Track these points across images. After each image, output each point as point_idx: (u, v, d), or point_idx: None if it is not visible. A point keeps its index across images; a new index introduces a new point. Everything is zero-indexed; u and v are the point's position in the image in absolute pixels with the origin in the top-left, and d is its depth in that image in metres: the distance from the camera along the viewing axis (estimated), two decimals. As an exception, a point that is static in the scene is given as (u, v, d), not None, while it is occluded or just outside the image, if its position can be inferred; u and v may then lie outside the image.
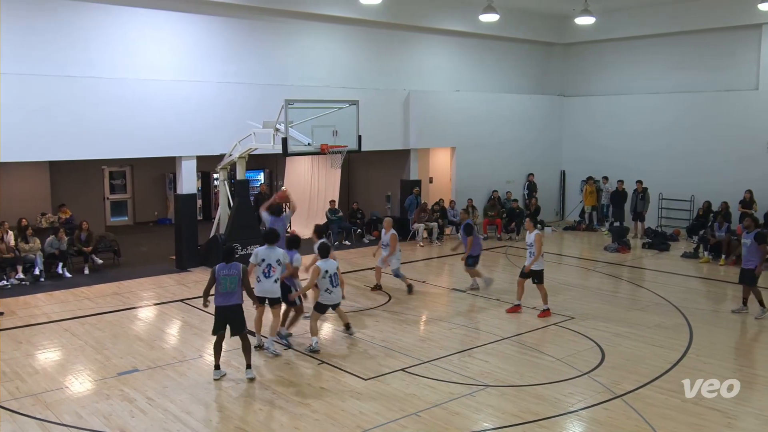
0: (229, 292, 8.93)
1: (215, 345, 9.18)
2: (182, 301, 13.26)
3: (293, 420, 7.85)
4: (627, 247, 18.72)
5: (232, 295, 8.96)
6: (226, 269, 8.96)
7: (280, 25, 17.51)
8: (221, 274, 8.93)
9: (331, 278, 10.28)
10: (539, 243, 11.87)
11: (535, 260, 11.94)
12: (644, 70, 22.29)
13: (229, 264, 9.02)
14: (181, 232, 16.35)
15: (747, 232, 12.19)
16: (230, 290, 8.93)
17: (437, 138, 20.98)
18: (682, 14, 20.54)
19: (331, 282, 10.28)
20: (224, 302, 8.98)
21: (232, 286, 8.92)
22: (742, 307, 12.34)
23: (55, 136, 14.04)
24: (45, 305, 12.93)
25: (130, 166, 22.81)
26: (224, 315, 9.02)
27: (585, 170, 23.23)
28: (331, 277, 10.29)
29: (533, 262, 11.96)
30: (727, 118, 20.09)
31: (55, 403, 8.36)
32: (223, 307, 9.00)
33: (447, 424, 7.72)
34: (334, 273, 10.34)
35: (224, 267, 8.98)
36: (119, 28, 15.10)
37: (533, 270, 12.04)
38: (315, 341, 10.21)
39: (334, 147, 14.26)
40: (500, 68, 22.93)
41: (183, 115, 15.66)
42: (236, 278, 8.93)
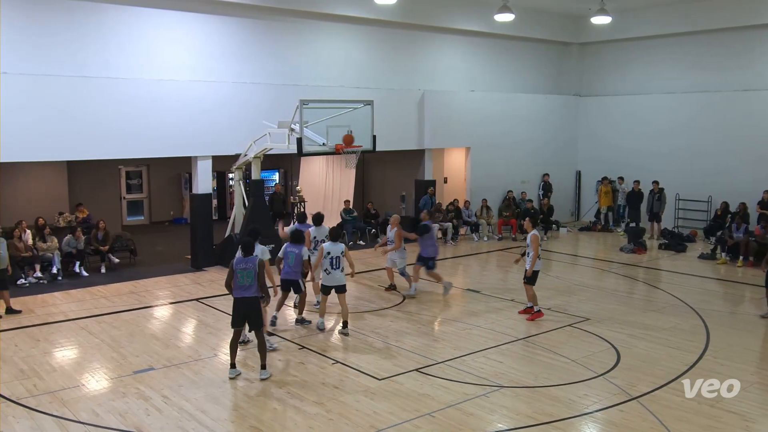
0: (246, 286, 9.02)
1: (231, 342, 9.27)
2: (197, 300, 13.34)
3: (307, 419, 7.87)
4: (643, 248, 18.58)
5: (248, 289, 9.04)
6: (243, 263, 9.05)
7: (295, 25, 17.56)
8: (238, 268, 9.04)
9: (332, 260, 10.84)
10: (536, 244, 11.68)
11: (534, 262, 11.68)
12: (660, 70, 22.11)
13: (246, 258, 9.09)
14: (197, 231, 16.43)
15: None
16: (247, 284, 9.01)
17: (452, 138, 20.95)
18: (698, 14, 20.35)
19: (331, 264, 10.86)
20: (240, 295, 9.06)
21: (249, 279, 9.01)
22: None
23: (72, 136, 14.17)
24: (62, 304, 13.05)
25: (147, 166, 22.98)
26: (241, 308, 9.10)
27: (600, 170, 23.08)
28: (332, 259, 10.84)
29: (532, 264, 11.71)
30: (745, 117, 19.89)
31: (72, 400, 8.43)
32: (240, 300, 9.09)
33: (461, 425, 7.71)
34: (336, 256, 10.87)
35: (241, 261, 9.07)
36: (136, 28, 15.21)
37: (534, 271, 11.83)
38: (320, 321, 11.23)
39: (348, 147, 14.26)
40: (515, 68, 22.84)
41: (198, 115, 15.75)
42: (252, 272, 9.01)
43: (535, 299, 11.94)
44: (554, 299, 13.15)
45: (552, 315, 12.17)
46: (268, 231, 16.31)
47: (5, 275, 12.34)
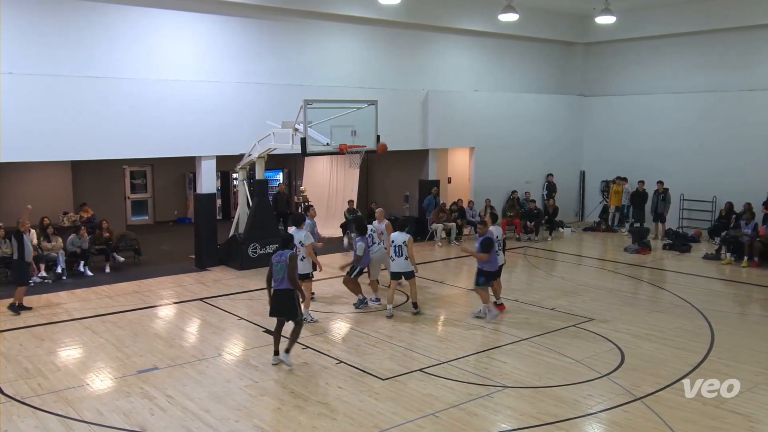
0: (279, 279, 9.48)
1: (275, 330, 9.76)
2: (201, 299, 13.35)
3: (311, 419, 7.87)
4: (647, 248, 18.54)
5: (281, 281, 9.46)
6: (278, 257, 9.55)
7: (299, 25, 17.57)
8: (274, 261, 9.56)
9: (396, 248, 12.00)
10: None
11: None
12: (665, 70, 22.05)
13: (281, 251, 9.57)
14: (201, 231, 16.46)
15: None
16: (280, 277, 9.47)
17: (456, 138, 20.93)
18: (703, 13, 20.28)
19: (395, 251, 12.01)
20: (275, 287, 9.58)
21: (281, 272, 9.44)
22: None
23: (77, 136, 14.20)
24: (67, 303, 13.08)
25: (151, 166, 23.02)
26: (275, 299, 9.57)
27: (605, 171, 23.06)
28: (396, 247, 12.00)
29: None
30: (750, 118, 19.81)
31: (77, 400, 8.45)
32: (275, 291, 9.58)
33: (465, 425, 7.70)
34: (399, 244, 11.97)
35: (278, 255, 9.58)
36: (140, 29, 15.23)
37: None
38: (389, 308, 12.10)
39: (352, 147, 14.27)
40: (520, 68, 22.81)
41: (203, 115, 15.76)
42: (283, 265, 9.42)
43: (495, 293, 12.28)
44: (559, 299, 13.12)
45: (556, 315, 12.16)
46: (271, 231, 16.41)
47: (28, 270, 12.68)
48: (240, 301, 13.30)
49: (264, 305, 12.53)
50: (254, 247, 16.06)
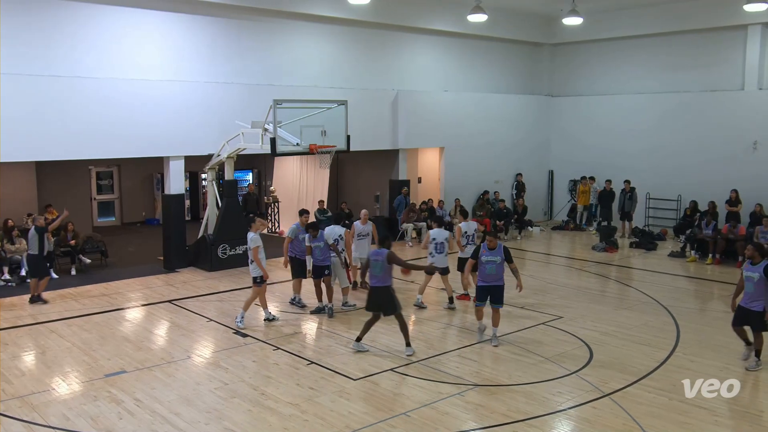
0: (379, 276, 9.86)
1: (368, 322, 10.14)
2: (170, 301, 13.20)
3: (282, 421, 7.83)
4: (615, 246, 18.81)
5: (380, 278, 9.85)
6: (375, 254, 9.96)
7: (269, 24, 17.47)
8: (372, 259, 9.95)
9: (437, 245, 12.40)
10: (458, 234, 12.86)
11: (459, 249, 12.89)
12: (631, 71, 22.41)
13: (377, 250, 10.03)
14: (169, 232, 16.28)
15: (751, 264, 9.41)
16: (378, 274, 9.86)
17: (426, 138, 21.00)
18: (668, 15, 20.67)
19: (437, 249, 12.44)
20: (375, 284, 9.94)
21: (377, 270, 9.84)
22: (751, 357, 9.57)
23: (41, 137, 13.93)
24: (31, 307, 12.82)
25: (118, 167, 22.69)
26: (373, 296, 9.99)
27: (573, 170, 23.35)
28: (437, 245, 12.41)
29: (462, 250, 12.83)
30: (714, 118, 20.23)
31: (42, 405, 8.30)
32: (372, 288, 10.04)
33: (436, 424, 7.73)
34: (440, 242, 12.42)
35: (374, 253, 10.01)
36: (106, 27, 15.00)
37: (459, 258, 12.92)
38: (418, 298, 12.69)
39: (322, 147, 14.24)
40: (488, 68, 22.98)
41: (171, 115, 15.58)
42: (381, 263, 9.80)
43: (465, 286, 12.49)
44: (528, 298, 13.24)
45: (526, 313, 12.27)
46: (241, 232, 16.26)
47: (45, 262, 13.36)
48: (209, 302, 13.18)
49: (233, 306, 12.56)
50: (224, 248, 15.93)
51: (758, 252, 9.36)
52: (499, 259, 10.30)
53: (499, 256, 10.30)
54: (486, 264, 10.31)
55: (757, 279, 9.24)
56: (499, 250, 10.35)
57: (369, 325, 10.14)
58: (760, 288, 9.23)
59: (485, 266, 10.32)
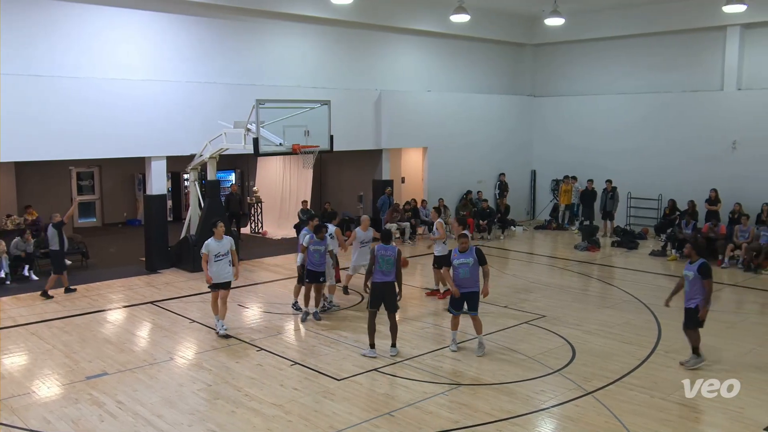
0: (388, 271, 9.78)
1: (369, 323, 9.95)
2: (152, 303, 13.11)
3: (266, 422, 7.81)
4: (597, 245, 18.95)
5: (389, 274, 9.79)
6: (382, 250, 9.85)
7: (251, 24, 17.40)
8: (378, 255, 9.79)
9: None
10: (441, 229, 13.15)
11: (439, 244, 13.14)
12: (612, 71, 22.59)
13: (384, 245, 9.90)
14: (151, 233, 16.16)
15: (690, 263, 9.61)
16: (387, 270, 9.77)
17: (409, 138, 21.02)
18: (649, 16, 20.86)
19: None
20: (380, 279, 9.80)
21: (386, 266, 9.75)
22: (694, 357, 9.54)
23: (20, 137, 13.75)
24: (11, 308, 12.67)
25: (99, 167, 22.50)
26: (379, 291, 9.82)
27: (555, 170, 23.50)
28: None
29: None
30: (694, 118, 20.45)
31: (22, 408, 8.20)
32: (379, 284, 9.81)
33: (420, 424, 7.74)
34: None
35: (382, 248, 9.87)
36: (87, 26, 14.87)
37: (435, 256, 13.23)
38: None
39: (306, 147, 14.21)
40: (471, 69, 23.05)
41: (152, 115, 15.47)
42: (392, 259, 9.77)
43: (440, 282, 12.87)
44: (511, 297, 13.30)
45: (509, 312, 12.32)
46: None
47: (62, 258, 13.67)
48: (192, 303, 13.10)
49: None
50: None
51: (695, 251, 9.62)
52: (472, 261, 9.93)
53: (471, 257, 9.94)
54: (459, 267, 9.95)
55: (692, 277, 9.45)
56: (471, 252, 10.00)
57: (372, 327, 9.98)
58: (695, 286, 9.43)
59: (458, 270, 9.96)
